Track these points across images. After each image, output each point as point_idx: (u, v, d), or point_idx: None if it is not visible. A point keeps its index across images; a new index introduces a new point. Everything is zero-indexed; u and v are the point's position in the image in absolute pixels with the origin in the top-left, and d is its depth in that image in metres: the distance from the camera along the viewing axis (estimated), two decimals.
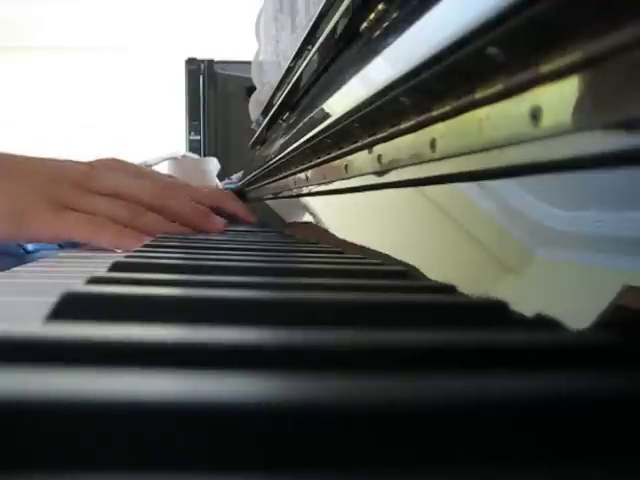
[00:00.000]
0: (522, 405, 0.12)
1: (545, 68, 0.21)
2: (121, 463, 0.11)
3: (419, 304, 0.23)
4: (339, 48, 0.64)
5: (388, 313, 0.22)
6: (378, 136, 0.41)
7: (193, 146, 2.69)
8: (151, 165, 2.07)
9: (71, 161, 0.68)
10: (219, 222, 0.72)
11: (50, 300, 0.21)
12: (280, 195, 0.92)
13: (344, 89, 0.49)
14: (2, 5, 4.53)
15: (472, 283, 0.27)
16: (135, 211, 0.64)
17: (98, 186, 0.65)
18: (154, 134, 4.83)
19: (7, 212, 0.60)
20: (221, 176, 2.01)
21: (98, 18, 4.90)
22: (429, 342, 0.17)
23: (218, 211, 0.76)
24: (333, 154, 0.55)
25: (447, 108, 0.30)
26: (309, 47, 0.74)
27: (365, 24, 0.53)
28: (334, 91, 0.53)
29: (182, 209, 0.69)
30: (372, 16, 0.50)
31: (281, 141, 0.88)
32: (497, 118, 0.26)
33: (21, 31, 4.98)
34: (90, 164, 0.68)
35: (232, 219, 0.80)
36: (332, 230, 0.57)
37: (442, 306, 0.23)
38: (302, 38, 0.75)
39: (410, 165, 0.37)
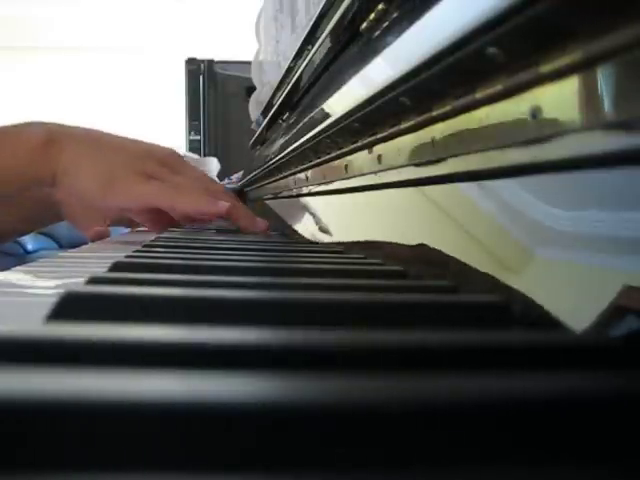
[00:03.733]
0: (522, 405, 0.12)
1: (545, 68, 0.21)
2: (121, 463, 0.11)
3: (419, 304, 0.23)
4: (339, 48, 0.64)
5: (388, 313, 0.22)
6: (378, 136, 0.41)
7: (193, 146, 2.69)
8: None
9: (159, 145, 0.78)
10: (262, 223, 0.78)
11: (50, 300, 0.21)
12: (280, 195, 0.92)
13: (344, 89, 0.49)
14: (3, 5, 4.53)
15: (472, 283, 0.27)
16: (211, 191, 0.72)
17: (180, 168, 0.73)
18: (154, 134, 4.83)
19: (102, 178, 0.69)
20: (221, 176, 2.01)
21: (98, 19, 4.90)
22: (429, 342, 0.17)
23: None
24: (333, 154, 0.55)
25: (447, 108, 0.30)
26: (309, 47, 0.74)
27: (365, 24, 0.53)
28: (334, 91, 0.53)
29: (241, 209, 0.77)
30: (372, 16, 0.50)
31: (281, 141, 0.88)
32: (497, 118, 0.26)
33: (22, 31, 4.98)
34: (175, 151, 0.78)
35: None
36: (332, 230, 0.57)
37: (442, 306, 0.23)
38: (302, 38, 0.75)
39: (410, 165, 0.37)
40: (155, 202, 0.69)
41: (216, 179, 1.90)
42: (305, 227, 0.68)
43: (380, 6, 0.48)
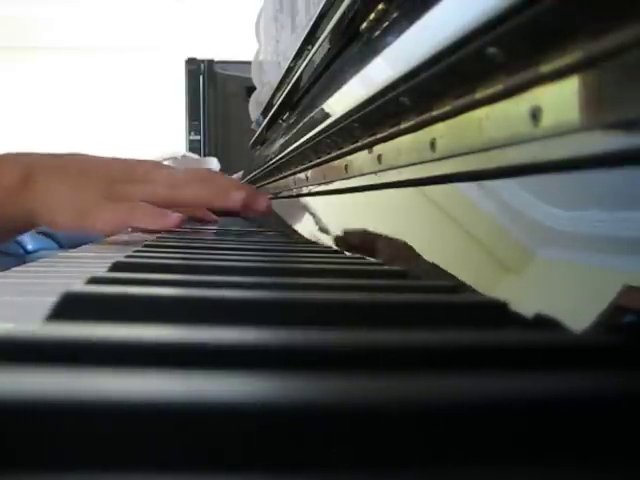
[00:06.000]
0: (522, 405, 0.12)
1: (545, 68, 0.21)
2: (121, 463, 0.11)
3: (419, 304, 0.23)
4: (339, 48, 0.64)
5: (388, 313, 0.22)
6: (378, 136, 0.41)
7: (193, 146, 2.69)
8: None
9: (133, 160, 0.78)
10: (264, 200, 0.77)
11: (50, 300, 0.21)
12: (280, 195, 0.92)
13: (344, 89, 0.49)
14: (3, 5, 4.53)
15: (472, 283, 0.27)
16: (173, 185, 0.72)
17: (150, 177, 0.73)
18: (154, 134, 4.83)
19: (76, 209, 0.70)
20: None
21: (98, 19, 4.90)
22: (429, 342, 0.17)
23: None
24: (333, 154, 0.55)
25: (447, 108, 0.30)
26: (309, 47, 0.74)
27: (365, 24, 0.53)
28: (334, 91, 0.53)
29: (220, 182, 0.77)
30: (372, 16, 0.50)
31: (281, 141, 0.88)
32: (497, 118, 0.26)
33: (22, 31, 4.98)
34: (155, 163, 0.79)
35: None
36: (332, 230, 0.57)
37: (442, 306, 0.23)
38: (302, 38, 0.75)
39: (410, 165, 0.37)
40: (124, 224, 0.70)
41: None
42: (305, 227, 0.68)
43: (380, 6, 0.48)
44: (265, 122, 1.20)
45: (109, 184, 0.71)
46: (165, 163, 2.03)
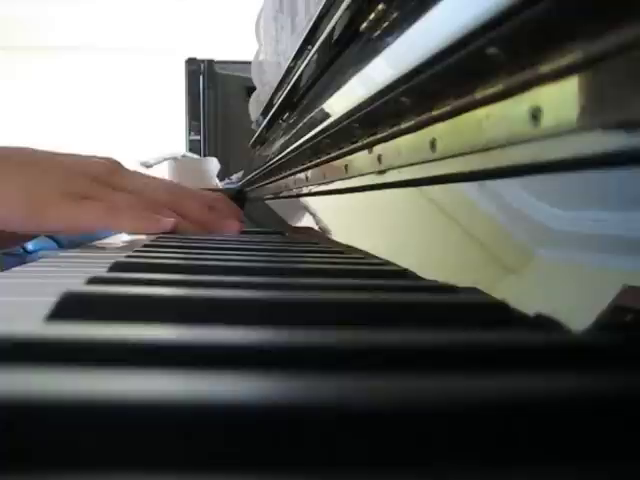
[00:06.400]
0: (522, 405, 0.12)
1: (545, 68, 0.21)
2: (121, 463, 0.11)
3: (419, 304, 0.23)
4: (339, 48, 0.64)
5: (388, 313, 0.22)
6: (378, 136, 0.41)
7: (193, 146, 2.69)
8: (151, 165, 2.08)
9: (94, 157, 0.69)
10: (234, 224, 0.72)
11: (50, 300, 0.21)
12: (280, 195, 0.92)
13: (344, 89, 0.49)
14: (3, 5, 4.54)
15: (472, 283, 0.27)
16: (152, 207, 0.65)
17: (118, 182, 0.66)
18: (154, 134, 4.83)
19: (23, 206, 0.61)
20: (221, 176, 2.01)
21: (98, 19, 4.90)
22: (429, 342, 0.17)
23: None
24: (333, 154, 0.55)
25: (447, 108, 0.30)
26: (309, 47, 0.74)
27: (365, 24, 0.53)
28: (334, 91, 0.53)
29: (196, 213, 0.71)
30: (372, 16, 0.50)
31: (281, 141, 0.88)
32: (497, 118, 0.26)
33: (22, 31, 4.98)
34: (113, 162, 0.70)
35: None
36: (332, 230, 0.57)
37: (442, 306, 0.23)
38: (302, 38, 0.75)
39: (410, 165, 0.37)
40: (89, 225, 0.62)
41: (216, 180, 1.90)
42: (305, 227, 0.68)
43: (380, 6, 0.48)
44: (265, 122, 1.20)
45: (69, 179, 0.63)
46: (164, 163, 2.02)
